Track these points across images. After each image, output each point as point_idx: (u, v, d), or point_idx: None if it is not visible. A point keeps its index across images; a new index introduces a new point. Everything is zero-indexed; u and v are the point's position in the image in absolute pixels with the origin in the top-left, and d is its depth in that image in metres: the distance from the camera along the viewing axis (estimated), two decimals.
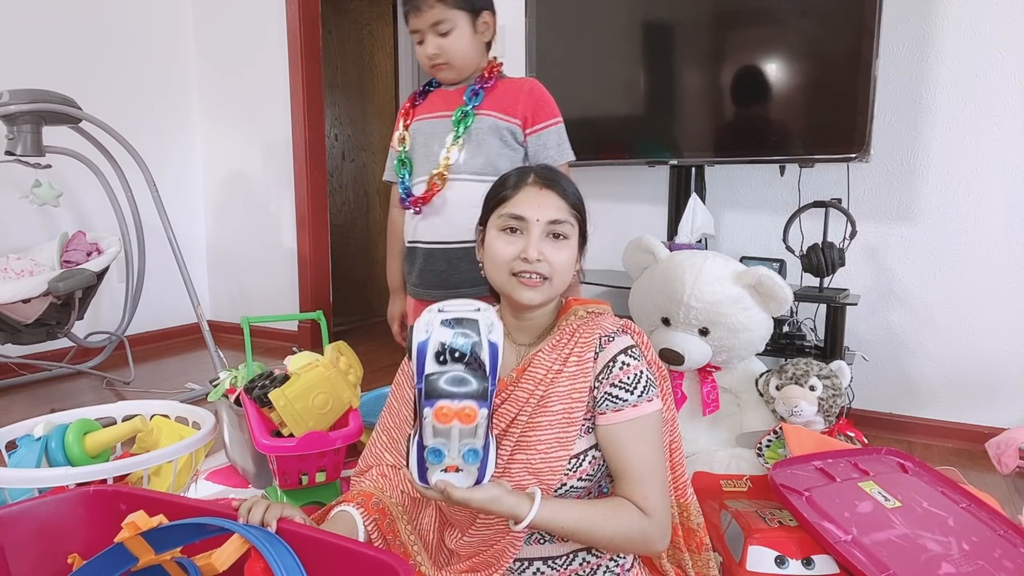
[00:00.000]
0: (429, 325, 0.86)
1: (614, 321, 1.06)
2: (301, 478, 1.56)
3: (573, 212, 1.04)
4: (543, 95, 1.60)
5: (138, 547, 0.88)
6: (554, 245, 1.02)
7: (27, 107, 2.44)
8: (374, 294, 4.50)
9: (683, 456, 1.15)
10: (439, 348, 0.85)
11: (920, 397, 2.37)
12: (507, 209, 1.03)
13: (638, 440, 0.99)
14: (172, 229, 2.82)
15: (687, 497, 1.15)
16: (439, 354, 0.85)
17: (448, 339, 0.85)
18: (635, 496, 0.98)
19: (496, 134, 1.56)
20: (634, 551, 1.03)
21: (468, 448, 0.86)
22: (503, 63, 1.66)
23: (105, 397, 2.76)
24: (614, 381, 1.00)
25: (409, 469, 0.89)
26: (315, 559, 0.85)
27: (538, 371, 1.01)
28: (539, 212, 1.01)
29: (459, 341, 0.85)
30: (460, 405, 0.84)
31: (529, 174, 1.05)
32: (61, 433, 1.52)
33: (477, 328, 0.86)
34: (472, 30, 1.54)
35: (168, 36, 3.58)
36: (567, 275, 1.04)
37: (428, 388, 0.84)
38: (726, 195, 2.53)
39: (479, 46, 1.58)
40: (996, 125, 2.18)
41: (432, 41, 1.53)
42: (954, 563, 1.20)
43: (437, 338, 0.85)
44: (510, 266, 1.02)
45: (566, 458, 0.99)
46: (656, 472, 1.00)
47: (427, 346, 0.85)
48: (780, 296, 1.79)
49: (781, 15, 2.14)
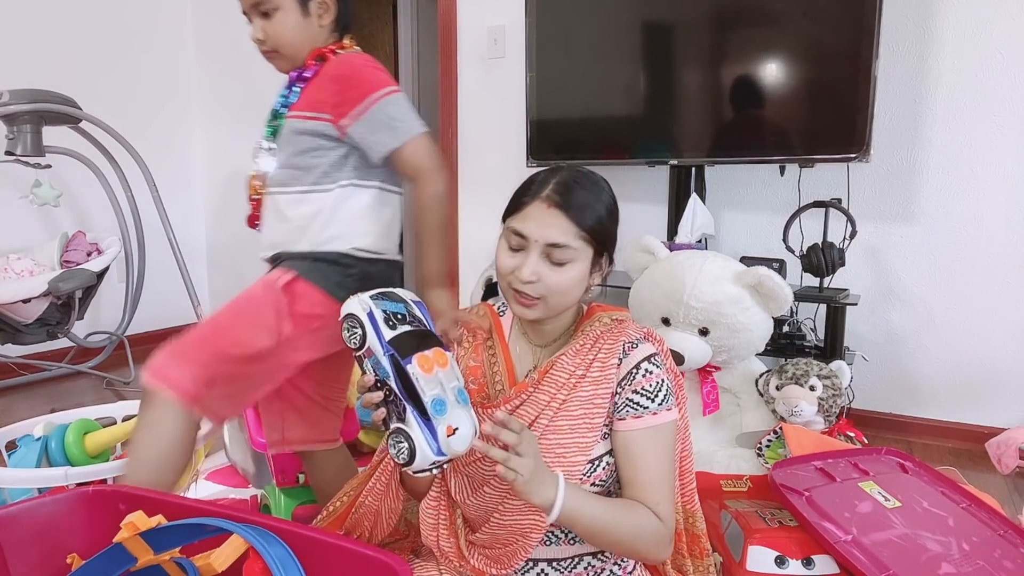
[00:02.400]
0: (363, 303, 0.91)
1: (637, 328, 1.05)
2: (298, 476, 1.56)
3: (583, 235, 0.99)
4: (349, 72, 1.28)
5: (137, 547, 0.88)
6: (551, 268, 0.99)
7: (27, 107, 2.45)
8: None
9: (693, 463, 1.15)
10: (383, 314, 0.90)
11: (920, 397, 2.37)
12: (514, 222, 1.01)
13: (654, 448, 1.00)
14: (172, 229, 2.82)
15: (694, 503, 1.15)
16: (387, 320, 0.90)
17: (387, 307, 0.92)
18: (649, 502, 0.98)
19: (303, 138, 1.30)
20: (641, 556, 1.02)
21: (457, 389, 0.90)
22: (348, 44, 1.37)
23: (105, 397, 2.76)
24: (636, 388, 1.00)
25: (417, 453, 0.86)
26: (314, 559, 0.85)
27: (560, 375, 1.01)
28: (540, 233, 0.98)
29: (395, 307, 0.93)
30: (431, 351, 0.89)
31: (547, 186, 1.00)
32: (61, 433, 1.52)
33: (395, 294, 0.95)
34: (301, 11, 1.30)
35: (168, 36, 3.58)
36: (569, 294, 1.01)
37: (400, 348, 0.88)
38: (726, 195, 2.53)
39: (313, 30, 1.32)
40: (996, 125, 2.17)
41: (256, 24, 1.34)
42: (954, 563, 1.20)
43: (378, 307, 0.91)
44: (508, 279, 1.01)
45: (584, 463, 0.99)
46: (667, 480, 1.01)
47: (375, 317, 0.90)
48: (780, 296, 1.79)
49: (781, 15, 2.14)
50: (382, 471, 1.09)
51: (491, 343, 1.10)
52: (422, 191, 1.28)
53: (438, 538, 1.04)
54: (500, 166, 2.98)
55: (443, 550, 1.04)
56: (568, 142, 2.59)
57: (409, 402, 0.86)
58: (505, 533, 1.00)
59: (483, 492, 1.01)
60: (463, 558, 1.02)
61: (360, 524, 1.11)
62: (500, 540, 1.00)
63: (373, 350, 0.89)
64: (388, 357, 0.87)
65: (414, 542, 1.19)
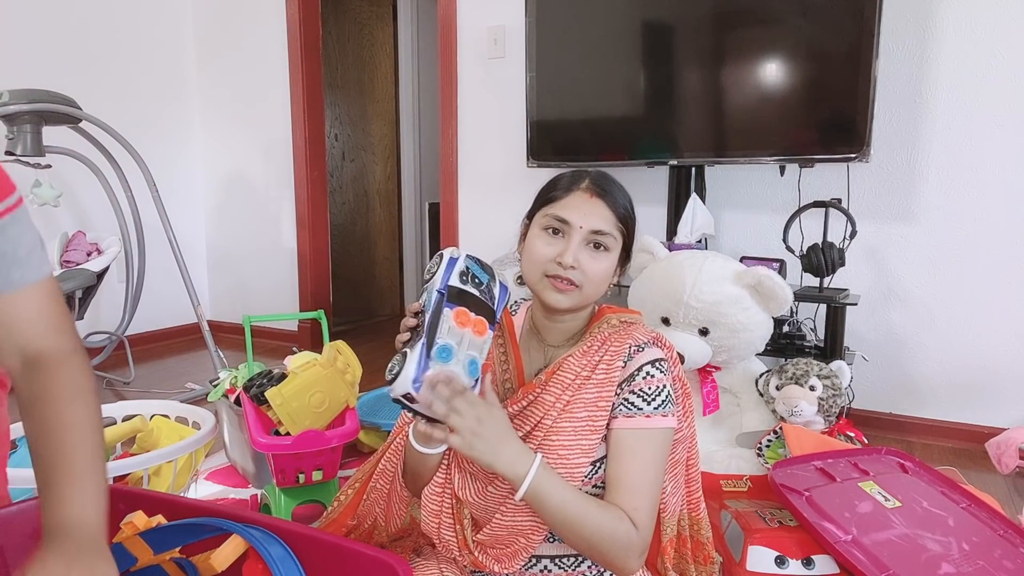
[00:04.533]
0: (456, 252, 0.95)
1: (646, 332, 1.05)
2: (298, 476, 1.56)
3: (619, 226, 1.03)
4: None
5: (136, 547, 0.88)
6: (592, 255, 1.01)
7: (27, 107, 2.45)
8: (374, 294, 4.50)
9: (699, 472, 1.14)
10: (464, 269, 0.94)
11: (920, 397, 2.37)
12: (553, 210, 1.02)
13: (642, 451, 0.98)
14: (172, 229, 2.82)
15: (699, 511, 1.14)
16: (463, 274, 0.93)
17: (472, 267, 0.95)
18: (626, 506, 0.95)
19: None
20: (608, 561, 0.96)
21: (471, 358, 0.91)
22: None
23: (105, 397, 2.76)
24: (634, 389, 1.00)
25: (400, 376, 0.87)
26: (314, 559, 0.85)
27: (566, 376, 1.01)
28: (584, 219, 1.00)
29: (479, 272, 0.95)
30: (476, 317, 0.92)
31: (584, 179, 1.03)
32: None
33: (492, 271, 0.98)
34: None
35: (168, 36, 3.58)
36: (601, 286, 1.03)
37: (451, 294, 0.91)
38: (726, 195, 2.53)
39: None
40: (996, 125, 2.17)
41: None
42: (954, 563, 1.20)
43: (464, 262, 0.94)
44: (545, 267, 1.01)
45: (586, 464, 0.98)
46: (651, 488, 0.98)
47: (456, 263, 0.94)
48: (780, 296, 1.79)
49: (781, 15, 2.14)
50: (394, 451, 1.09)
51: (502, 342, 1.10)
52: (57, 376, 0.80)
53: (439, 526, 1.04)
54: (500, 166, 2.98)
55: (444, 539, 1.03)
56: (568, 142, 2.60)
57: (425, 336, 0.89)
58: (507, 534, 1.00)
59: (487, 492, 1.01)
60: (465, 548, 1.02)
61: (371, 511, 1.11)
62: (502, 540, 1.00)
63: (433, 285, 0.93)
64: (437, 293, 0.91)
65: (415, 541, 1.19)
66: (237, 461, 1.96)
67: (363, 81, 4.25)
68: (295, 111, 3.45)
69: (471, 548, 1.02)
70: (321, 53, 3.51)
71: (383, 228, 4.53)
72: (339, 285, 4.05)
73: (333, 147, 4.12)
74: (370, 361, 2.07)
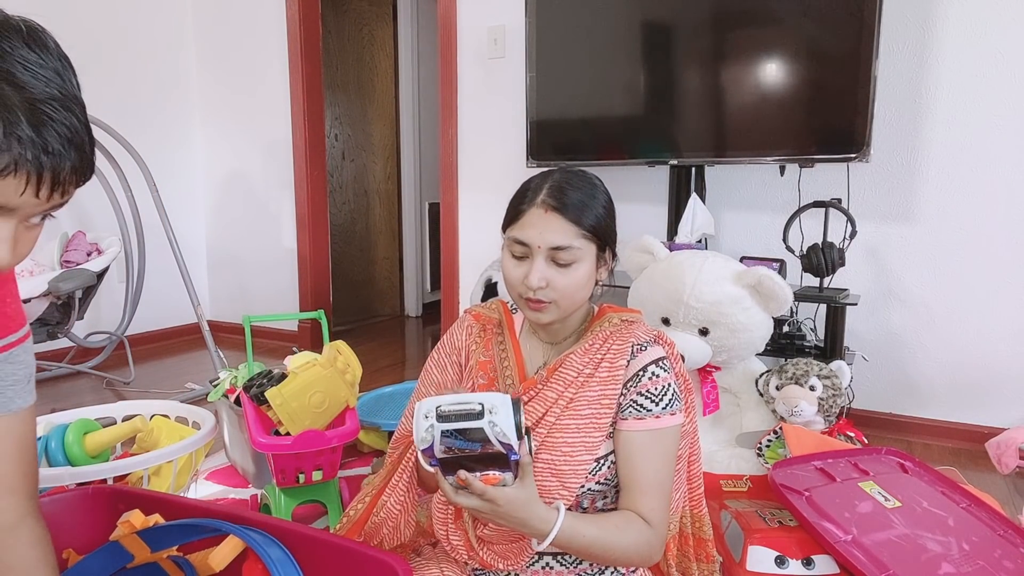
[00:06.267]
0: (430, 431, 0.81)
1: (647, 330, 1.06)
2: (298, 476, 1.56)
3: (584, 233, 0.99)
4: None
5: (133, 545, 0.88)
6: (559, 270, 0.99)
7: None
8: (374, 294, 4.50)
9: (701, 468, 1.15)
10: (444, 451, 0.82)
11: (920, 397, 2.37)
12: (513, 232, 1.01)
13: (655, 452, 1.00)
14: (172, 229, 2.82)
15: (701, 508, 1.15)
16: (447, 450, 0.82)
17: (454, 444, 0.81)
18: (642, 507, 0.98)
19: None
20: (632, 565, 1.02)
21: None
22: None
23: (105, 397, 2.76)
24: (641, 390, 1.00)
25: (419, 444, 0.83)
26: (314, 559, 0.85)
27: (569, 373, 1.02)
28: (542, 238, 0.98)
29: (466, 444, 0.81)
30: (481, 475, 0.84)
31: (541, 191, 1.00)
32: (61, 433, 1.52)
33: (483, 434, 0.81)
34: None
35: (168, 36, 3.58)
36: (578, 294, 1.02)
37: (444, 467, 0.84)
38: (726, 195, 2.53)
39: None
40: (996, 125, 2.17)
41: None
42: (954, 563, 1.20)
43: (441, 445, 0.82)
44: (518, 289, 1.02)
45: (590, 461, 0.99)
46: (665, 485, 1.01)
47: (433, 450, 0.82)
48: (780, 296, 1.78)
49: (781, 15, 2.14)
50: (404, 467, 1.07)
51: (502, 338, 1.11)
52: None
53: (448, 532, 1.04)
54: (500, 166, 2.98)
55: (452, 544, 1.04)
56: (568, 142, 2.60)
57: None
58: (510, 529, 1.00)
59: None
60: (472, 550, 1.03)
61: (378, 531, 1.09)
62: (505, 537, 1.01)
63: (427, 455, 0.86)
64: (431, 465, 0.85)
65: (415, 542, 1.19)
66: (237, 461, 1.96)
67: (363, 81, 4.25)
68: (295, 111, 3.45)
69: (475, 547, 1.02)
70: (321, 53, 3.51)
71: (383, 228, 4.54)
72: (339, 285, 4.05)
73: (333, 147, 4.12)
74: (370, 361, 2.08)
